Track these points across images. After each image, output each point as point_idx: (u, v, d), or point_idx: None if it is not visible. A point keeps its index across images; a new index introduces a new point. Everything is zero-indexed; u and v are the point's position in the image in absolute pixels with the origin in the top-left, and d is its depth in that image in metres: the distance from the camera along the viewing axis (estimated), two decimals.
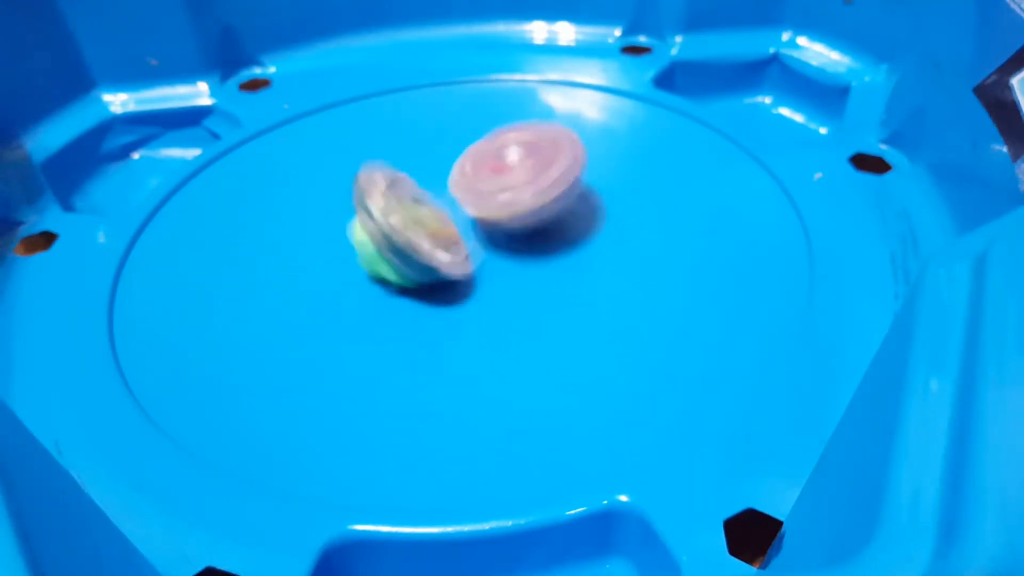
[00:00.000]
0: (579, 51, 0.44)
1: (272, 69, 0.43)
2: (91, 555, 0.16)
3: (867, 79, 0.38)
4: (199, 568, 0.19)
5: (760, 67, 0.42)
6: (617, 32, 0.45)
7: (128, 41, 0.39)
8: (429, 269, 0.26)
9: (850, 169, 0.33)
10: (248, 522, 0.20)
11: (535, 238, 0.30)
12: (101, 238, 0.32)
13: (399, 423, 0.24)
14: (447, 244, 0.27)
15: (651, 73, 0.41)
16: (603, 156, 0.37)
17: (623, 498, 0.20)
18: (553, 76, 0.41)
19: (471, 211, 0.28)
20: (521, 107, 0.40)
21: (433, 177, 0.29)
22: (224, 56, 0.42)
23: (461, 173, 0.29)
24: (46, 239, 0.32)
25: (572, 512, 0.20)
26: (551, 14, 0.45)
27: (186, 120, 0.41)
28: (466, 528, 0.20)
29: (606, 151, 0.37)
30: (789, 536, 0.19)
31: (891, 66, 0.37)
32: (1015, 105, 0.25)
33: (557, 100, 0.40)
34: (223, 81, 0.42)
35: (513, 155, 0.28)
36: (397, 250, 0.26)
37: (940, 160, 0.31)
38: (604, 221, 0.32)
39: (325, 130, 0.39)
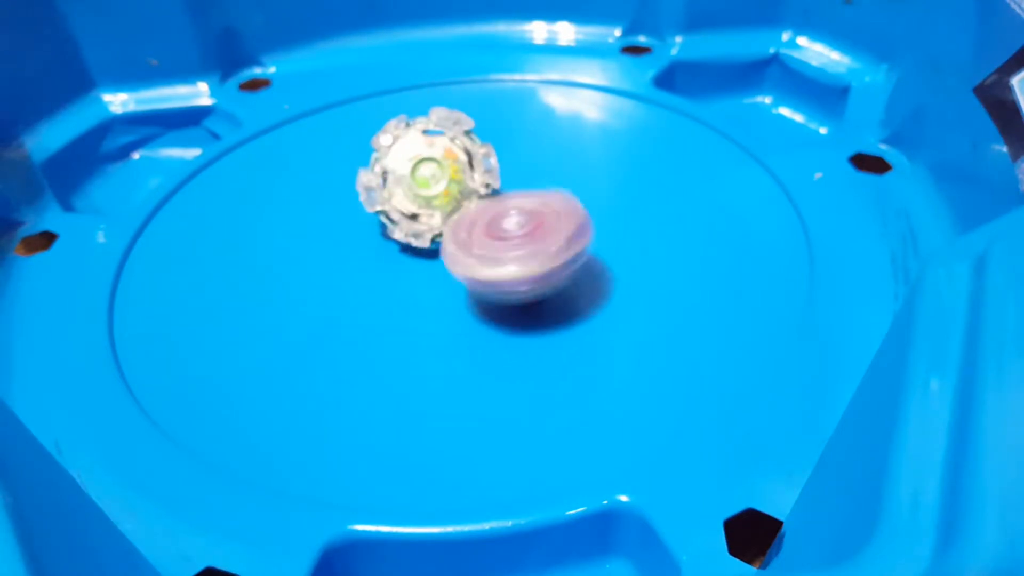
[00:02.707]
0: (579, 51, 0.44)
1: (272, 69, 0.43)
2: (91, 555, 0.16)
3: (867, 79, 0.38)
4: (199, 568, 0.19)
5: (760, 67, 0.42)
6: (617, 32, 0.45)
7: (128, 41, 0.39)
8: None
9: (850, 169, 0.33)
10: (248, 522, 0.20)
11: None
12: (101, 238, 0.32)
13: (399, 423, 0.24)
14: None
15: (651, 73, 0.41)
16: (603, 156, 0.37)
17: (623, 498, 0.20)
18: (553, 76, 0.41)
19: (469, 272, 0.25)
20: (521, 107, 0.40)
21: None
22: (224, 56, 0.42)
23: (455, 238, 0.26)
24: (46, 239, 0.32)
25: (572, 512, 0.20)
26: (551, 14, 0.45)
27: (186, 120, 0.41)
28: (466, 528, 0.20)
29: (606, 151, 0.37)
30: (789, 536, 0.19)
31: (891, 66, 0.37)
32: (1015, 105, 0.25)
33: (557, 100, 0.40)
34: (223, 81, 0.42)
35: (512, 223, 0.25)
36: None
37: (940, 160, 0.31)
38: (604, 221, 0.32)
39: (325, 130, 0.39)
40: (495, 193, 0.30)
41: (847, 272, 0.28)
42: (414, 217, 0.29)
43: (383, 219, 0.29)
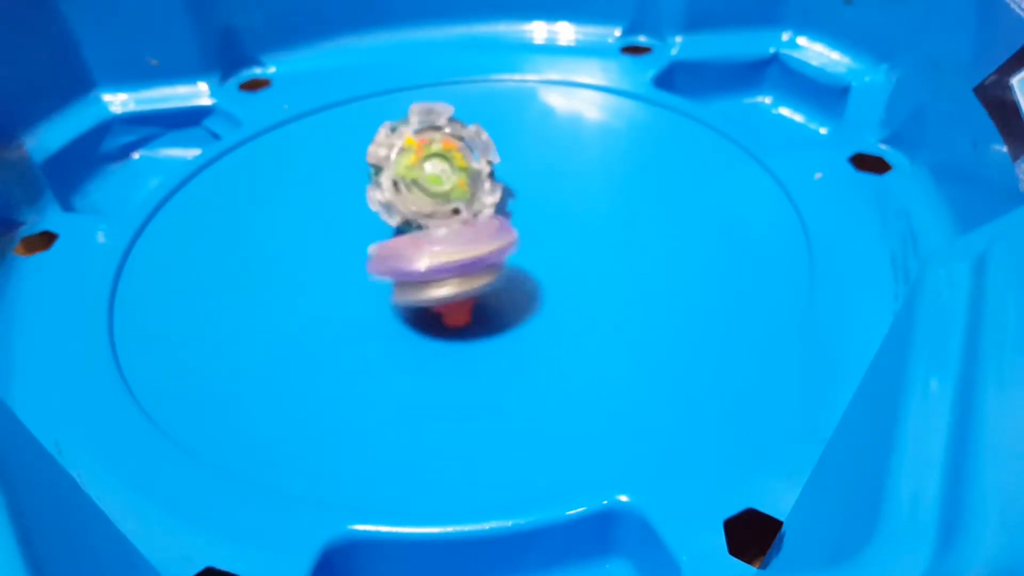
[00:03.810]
0: (579, 51, 0.44)
1: (272, 69, 0.43)
2: (91, 555, 0.16)
3: (867, 79, 0.38)
4: (199, 568, 0.19)
5: (760, 67, 0.42)
6: (617, 32, 0.45)
7: (128, 41, 0.39)
8: None
9: (850, 169, 0.33)
10: (248, 522, 0.20)
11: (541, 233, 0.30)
12: (101, 238, 0.31)
13: (399, 423, 0.24)
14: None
15: (651, 73, 0.41)
16: (603, 156, 0.37)
17: (623, 498, 0.20)
18: (553, 76, 0.41)
19: (384, 267, 0.25)
20: (521, 107, 0.40)
21: None
22: (224, 56, 0.42)
23: (379, 249, 0.26)
24: (46, 239, 0.32)
25: (572, 512, 0.20)
26: (551, 14, 0.45)
27: (186, 120, 0.41)
28: (466, 528, 0.20)
29: (606, 151, 0.37)
30: (789, 536, 0.19)
31: (891, 66, 0.37)
32: (1015, 105, 0.25)
33: (557, 100, 0.40)
34: (223, 81, 0.42)
35: (439, 232, 0.25)
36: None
37: (940, 160, 0.31)
38: (604, 222, 0.32)
39: (325, 130, 0.39)
40: (495, 170, 0.30)
41: (847, 272, 0.28)
42: (431, 216, 0.29)
43: (414, 229, 0.29)
